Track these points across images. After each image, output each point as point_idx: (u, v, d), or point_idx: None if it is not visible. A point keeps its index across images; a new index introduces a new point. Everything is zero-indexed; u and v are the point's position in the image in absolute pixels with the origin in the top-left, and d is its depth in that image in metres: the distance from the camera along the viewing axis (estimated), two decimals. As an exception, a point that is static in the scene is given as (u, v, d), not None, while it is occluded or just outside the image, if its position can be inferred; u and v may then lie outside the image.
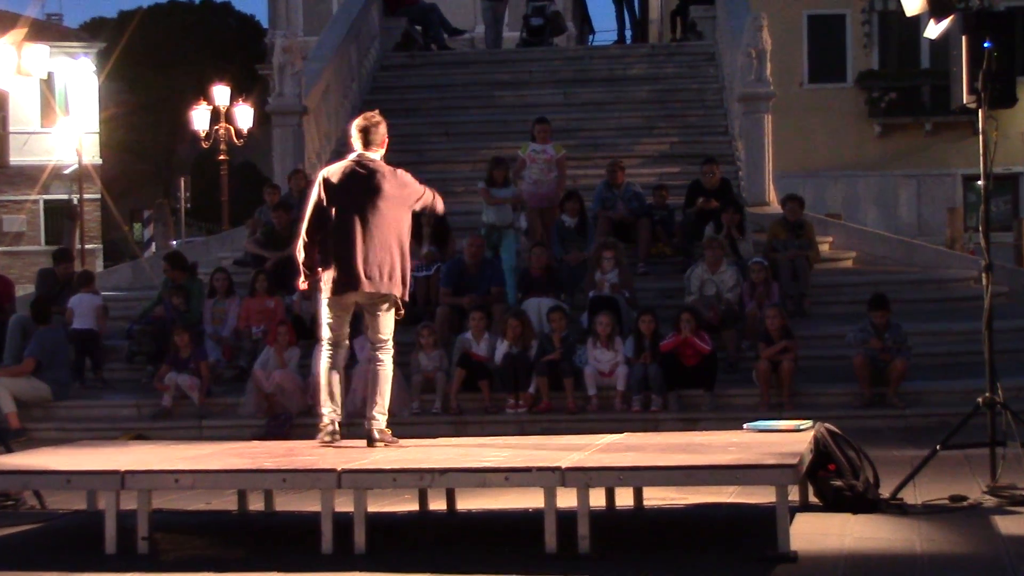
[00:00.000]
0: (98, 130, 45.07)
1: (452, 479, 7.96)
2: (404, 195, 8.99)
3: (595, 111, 21.56)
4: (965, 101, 9.09)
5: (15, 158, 44.08)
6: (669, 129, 20.83)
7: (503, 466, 7.67)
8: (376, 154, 9.02)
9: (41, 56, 9.90)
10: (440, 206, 9.46)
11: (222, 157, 32.70)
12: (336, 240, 8.78)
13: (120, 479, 7.84)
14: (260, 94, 38.12)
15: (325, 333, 9.03)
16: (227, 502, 9.36)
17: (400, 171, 9.08)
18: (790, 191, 17.25)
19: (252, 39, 54.71)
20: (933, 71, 33.28)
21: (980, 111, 9.08)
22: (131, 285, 18.47)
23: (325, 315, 9.01)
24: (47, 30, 42.11)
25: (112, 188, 44.30)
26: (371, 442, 8.73)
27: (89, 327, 15.00)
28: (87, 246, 36.58)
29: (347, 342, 9.15)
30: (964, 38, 9.04)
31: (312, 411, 11.84)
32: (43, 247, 42.12)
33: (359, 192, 8.80)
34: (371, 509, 7.74)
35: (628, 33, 25.82)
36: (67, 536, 8.64)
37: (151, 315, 15.32)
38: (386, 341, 8.97)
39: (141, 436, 12.49)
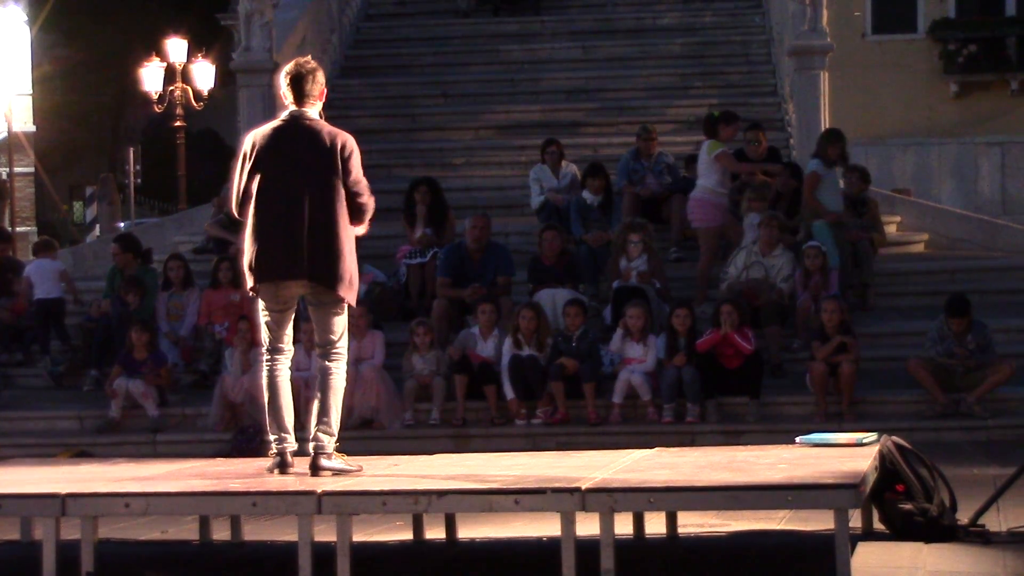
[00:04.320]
0: (31, 92, 45.08)
1: (452, 502, 7.98)
2: (346, 166, 8.30)
3: (619, 68, 21.61)
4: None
5: (-68, 125, 44.13)
6: (707, 89, 20.88)
7: (513, 487, 7.70)
8: (313, 109, 8.44)
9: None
10: (368, 204, 8.45)
11: (178, 123, 32.73)
12: (266, 215, 8.27)
13: (60, 504, 7.86)
14: (223, 49, 38.15)
15: (263, 337, 8.52)
16: (187, 531, 9.40)
17: (344, 133, 8.42)
18: (851, 162, 17.27)
19: (213, -16, 54.75)
20: (1021, 20, 33.29)
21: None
22: (71, 275, 18.50)
23: (261, 314, 8.49)
24: (-31, -28, 42.19)
25: (48, 160, 44.36)
26: (316, 468, 8.23)
27: (56, 296, 15.51)
28: (18, 228, 36.56)
29: (291, 347, 8.57)
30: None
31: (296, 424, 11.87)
32: (-33, 230, 42.09)
33: (296, 156, 8.28)
34: (357, 538, 7.77)
35: None
36: (-2, 570, 8.69)
37: (93, 311, 15.37)
38: (336, 343, 8.42)
39: (84, 452, 12.59)
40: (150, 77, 32.06)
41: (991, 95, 33.62)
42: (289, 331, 8.50)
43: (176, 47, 32.41)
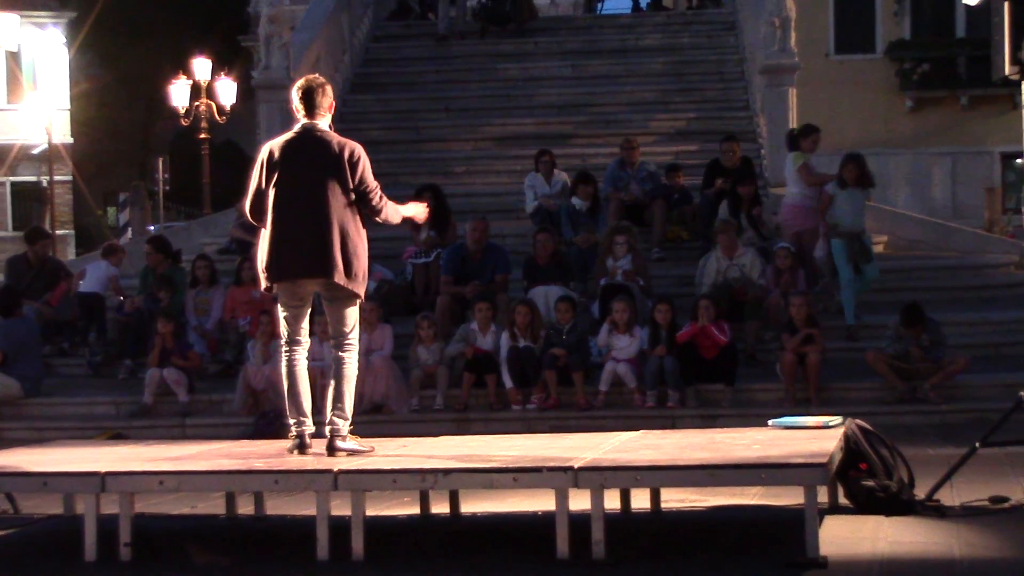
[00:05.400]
0: (69, 107, 45.02)
1: (456, 480, 7.97)
2: (359, 173, 8.28)
3: (606, 85, 21.61)
4: (1007, 72, 9.12)
5: (-22, 137, 44.06)
6: (685, 104, 20.89)
7: (511, 466, 7.68)
8: (323, 121, 8.38)
9: (10, 26, 9.89)
10: (394, 217, 8.58)
11: (203, 136, 32.70)
12: (283, 219, 8.21)
13: (100, 481, 7.85)
14: (244, 67, 38.20)
15: (282, 331, 8.50)
16: (214, 506, 9.39)
17: (352, 142, 8.38)
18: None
19: (235, 8, 54.61)
20: (970, 40, 33.27)
21: (1023, 83, 9.10)
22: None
23: (279, 309, 8.49)
24: (13, -1, 42.10)
25: (84, 169, 44.30)
26: (332, 450, 8.24)
27: (97, 291, 15.70)
28: (58, 232, 36.50)
29: (308, 339, 8.55)
30: (1007, 4, 9.05)
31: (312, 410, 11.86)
32: (10, 232, 42.11)
33: (309, 164, 8.22)
34: (370, 512, 7.77)
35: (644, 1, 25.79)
36: (43, 543, 8.67)
37: (127, 307, 15.38)
38: (349, 335, 8.38)
39: (120, 435, 12.56)
40: (177, 93, 32.04)
41: (943, 110, 33.67)
42: (305, 324, 8.49)
43: (201, 66, 32.39)
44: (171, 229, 26.98)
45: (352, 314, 8.40)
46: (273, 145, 8.36)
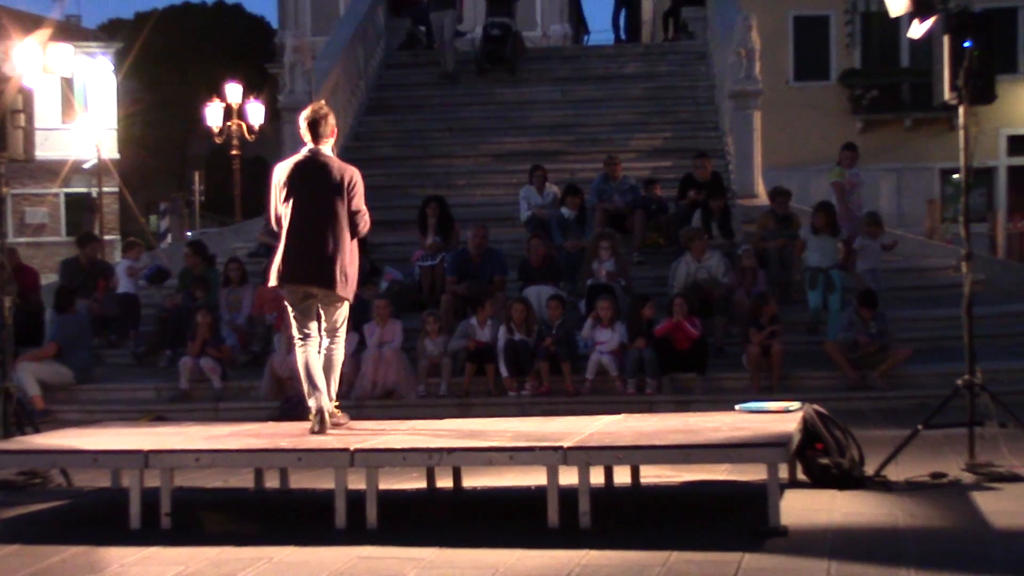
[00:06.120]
0: (116, 126, 44.98)
1: (459, 458, 7.98)
2: (351, 196, 8.44)
3: (591, 108, 21.56)
4: (947, 98, 9.11)
5: (37, 153, 43.79)
6: (662, 125, 20.84)
7: (507, 446, 7.68)
8: (326, 146, 8.52)
9: (65, 55, 9.87)
10: (364, 228, 8.60)
11: (234, 152, 32.63)
12: (290, 234, 8.41)
13: (144, 458, 7.85)
14: (270, 92, 38.09)
15: (294, 329, 8.70)
16: (244, 480, 9.38)
17: (351, 168, 8.55)
18: (777, 184, 17.27)
19: (262, 39, 54.50)
20: (913, 69, 33.36)
21: (961, 107, 9.10)
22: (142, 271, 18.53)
23: (289, 309, 8.71)
24: (67, 31, 41.99)
25: (129, 182, 44.20)
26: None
27: (130, 291, 15.92)
28: (106, 237, 36.50)
29: (316, 332, 8.69)
30: (946, 38, 9.05)
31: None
32: (64, 238, 42.08)
33: (312, 186, 8.38)
34: (382, 486, 7.75)
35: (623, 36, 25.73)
36: (93, 512, 8.66)
37: (167, 303, 15.38)
38: (339, 329, 8.67)
39: (160, 417, 12.56)
40: (212, 115, 31.98)
41: (889, 130, 33.69)
42: (314, 320, 8.66)
43: (233, 90, 32.33)
44: (206, 235, 26.86)
45: (342, 313, 8.67)
46: (283, 167, 8.52)
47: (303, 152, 8.53)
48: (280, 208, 8.46)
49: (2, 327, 10.24)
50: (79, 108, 40.23)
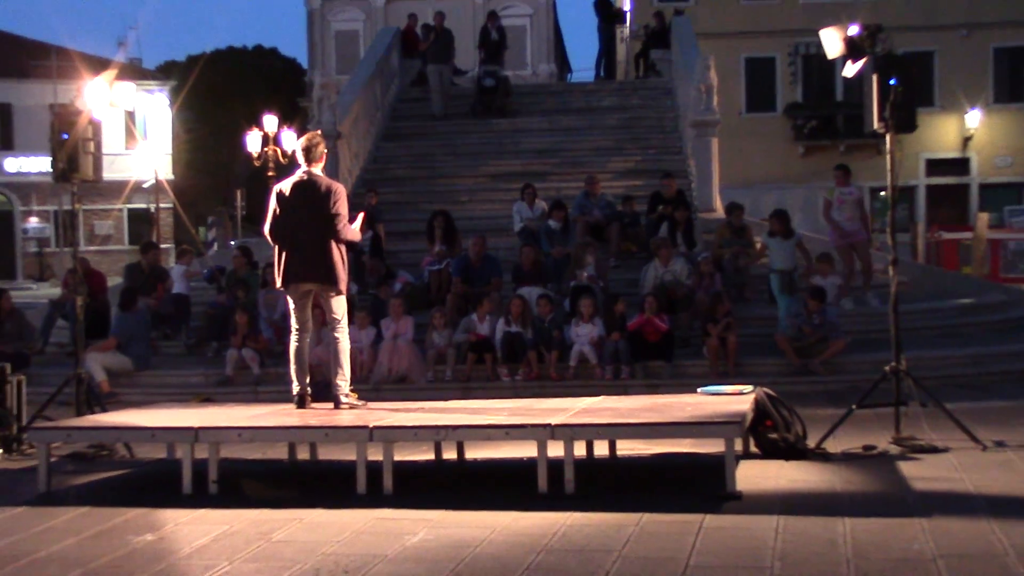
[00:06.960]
0: (171, 152, 45.00)
1: (462, 434, 8.00)
2: (333, 205, 8.66)
3: (574, 135, 21.57)
4: (876, 127, 9.14)
5: (104, 175, 43.72)
6: (634, 150, 20.84)
7: (504, 423, 7.70)
8: (317, 168, 8.78)
9: (128, 92, 9.94)
10: (351, 235, 8.81)
11: (270, 173, 32.34)
12: (288, 240, 8.67)
13: (195, 434, 7.86)
14: (302, 122, 37.93)
15: (291, 321, 8.91)
16: (280, 452, 9.37)
17: (336, 185, 8.79)
18: (732, 200, 17.25)
19: (295, 78, 54.53)
20: (846, 103, 33.45)
21: (888, 135, 9.14)
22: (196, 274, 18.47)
23: (290, 304, 8.91)
24: (129, 71, 41.97)
25: (182, 199, 44.16)
26: (337, 404, 8.71)
27: (183, 292, 15.75)
28: (162, 245, 36.43)
29: (310, 325, 8.99)
30: (875, 76, 9.09)
31: (354, 380, 11.84)
32: (126, 247, 42.17)
33: (305, 201, 8.63)
34: (396, 458, 7.75)
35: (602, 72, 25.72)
36: (151, 479, 8.65)
37: (214, 301, 15.36)
38: (339, 320, 8.83)
39: (208, 399, 12.51)
40: (252, 141, 31.73)
41: (826, 154, 33.65)
42: (309, 314, 8.91)
43: (270, 121, 32.04)
44: (247, 243, 26.87)
45: (339, 305, 8.84)
46: (282, 186, 8.80)
47: (298, 174, 8.78)
48: (277, 220, 8.67)
49: (75, 323, 10.24)
50: (139, 136, 40.28)
